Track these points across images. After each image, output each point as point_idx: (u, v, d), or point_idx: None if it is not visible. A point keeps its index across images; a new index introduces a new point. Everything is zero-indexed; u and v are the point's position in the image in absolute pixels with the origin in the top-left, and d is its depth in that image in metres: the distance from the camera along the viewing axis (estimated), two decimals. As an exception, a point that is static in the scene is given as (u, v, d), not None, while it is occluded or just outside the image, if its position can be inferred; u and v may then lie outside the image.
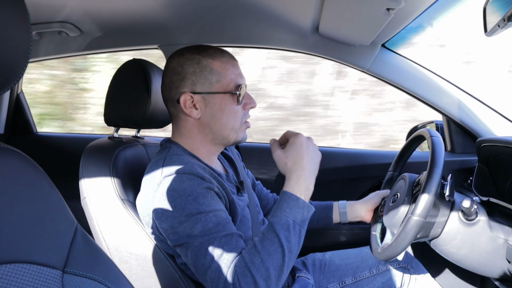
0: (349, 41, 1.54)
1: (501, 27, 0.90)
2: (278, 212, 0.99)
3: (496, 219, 1.12)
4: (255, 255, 0.94)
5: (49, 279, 0.59)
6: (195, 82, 1.09)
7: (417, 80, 1.59)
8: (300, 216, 1.00)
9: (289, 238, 0.96)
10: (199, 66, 1.09)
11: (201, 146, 1.14)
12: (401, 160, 1.41)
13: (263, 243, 0.95)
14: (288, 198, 1.01)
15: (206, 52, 1.11)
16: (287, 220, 0.98)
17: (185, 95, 1.09)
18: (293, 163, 1.05)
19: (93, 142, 1.25)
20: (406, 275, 1.33)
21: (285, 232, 0.96)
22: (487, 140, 1.35)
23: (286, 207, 1.00)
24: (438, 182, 1.04)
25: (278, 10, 1.38)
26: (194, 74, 1.09)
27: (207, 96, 1.09)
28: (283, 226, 0.97)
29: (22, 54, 0.58)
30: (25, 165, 0.64)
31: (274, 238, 0.95)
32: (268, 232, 0.97)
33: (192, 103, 1.09)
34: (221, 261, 0.94)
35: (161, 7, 1.37)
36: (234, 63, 1.14)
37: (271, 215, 1.01)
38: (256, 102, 1.17)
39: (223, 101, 1.10)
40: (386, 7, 1.04)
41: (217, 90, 1.09)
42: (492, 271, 1.10)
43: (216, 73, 1.09)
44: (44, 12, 1.41)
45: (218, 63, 1.10)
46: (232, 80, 1.10)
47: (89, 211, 1.15)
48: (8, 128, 2.09)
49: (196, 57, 1.10)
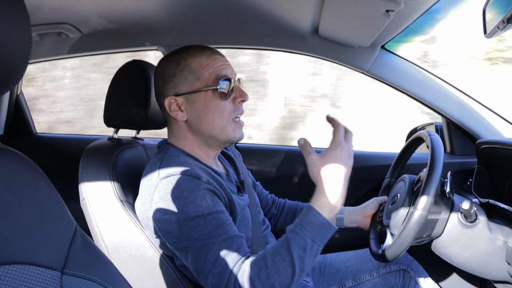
0: (348, 43, 1.55)
1: (501, 28, 0.91)
2: (298, 229, 0.94)
3: (495, 221, 1.12)
4: (262, 270, 0.90)
5: (48, 280, 0.59)
6: (176, 84, 1.08)
7: (416, 81, 1.59)
8: (320, 236, 0.94)
9: (304, 259, 0.91)
10: (179, 67, 1.08)
11: (196, 148, 1.12)
12: (398, 166, 1.40)
13: (274, 258, 0.91)
14: (312, 216, 0.94)
15: (185, 52, 1.10)
16: (306, 239, 0.92)
17: (168, 99, 1.08)
18: (328, 174, 0.97)
19: (92, 143, 1.25)
20: (407, 278, 1.33)
21: (301, 252, 0.91)
22: (487, 142, 1.35)
23: (308, 224, 0.93)
24: (440, 175, 1.03)
25: (277, 12, 1.38)
26: (175, 76, 1.08)
27: (189, 96, 1.08)
28: (299, 244, 0.92)
29: (22, 55, 0.58)
30: (25, 166, 0.63)
31: (287, 256, 0.91)
32: (281, 247, 0.92)
33: (177, 106, 1.09)
34: (223, 266, 0.91)
35: (161, 9, 1.37)
36: (215, 57, 1.10)
37: (290, 229, 0.95)
38: (247, 95, 1.11)
39: (205, 98, 1.07)
40: (385, 9, 1.04)
41: (198, 87, 1.07)
42: (491, 273, 1.10)
43: (195, 71, 1.07)
44: (44, 13, 1.41)
45: (197, 60, 1.08)
46: (211, 74, 1.07)
47: (89, 212, 1.15)
48: (7, 129, 2.09)
49: (176, 59, 1.10)
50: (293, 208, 1.44)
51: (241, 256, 0.94)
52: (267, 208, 1.45)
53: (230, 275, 0.91)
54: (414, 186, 1.16)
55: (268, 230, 1.26)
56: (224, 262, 0.92)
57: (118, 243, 1.13)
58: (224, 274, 0.91)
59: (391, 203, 1.22)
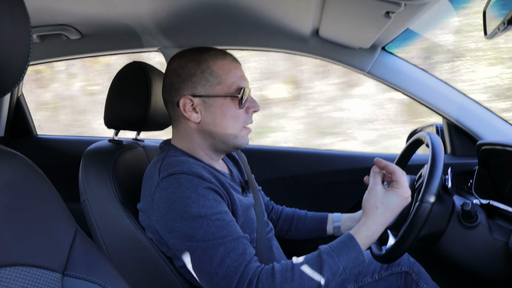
0: (349, 44, 1.55)
1: (501, 30, 0.91)
2: (335, 254, 0.93)
3: (496, 222, 1.12)
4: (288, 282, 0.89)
5: (49, 282, 0.59)
6: (195, 85, 1.06)
7: (417, 82, 1.60)
8: (352, 266, 0.94)
9: (330, 284, 0.91)
10: (200, 68, 1.06)
11: (200, 150, 1.12)
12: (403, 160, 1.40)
13: (302, 274, 0.90)
14: (351, 246, 0.95)
15: (207, 53, 1.09)
16: (339, 266, 0.92)
17: (184, 98, 1.06)
18: (383, 211, 0.99)
19: (93, 145, 1.25)
20: (409, 280, 1.32)
21: (330, 276, 0.91)
22: (487, 143, 1.35)
23: (346, 253, 0.94)
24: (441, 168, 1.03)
25: (278, 14, 1.38)
26: (195, 76, 1.06)
27: (208, 99, 1.06)
28: (331, 269, 0.91)
29: (22, 56, 0.58)
30: (25, 168, 0.63)
31: (317, 276, 0.90)
32: (313, 266, 0.92)
33: (192, 107, 1.07)
34: (229, 269, 0.90)
35: (162, 10, 1.37)
36: (236, 65, 1.11)
37: (326, 251, 0.94)
38: (259, 106, 1.14)
39: (224, 105, 1.07)
40: (386, 11, 1.04)
41: (218, 93, 1.06)
42: (493, 274, 1.10)
43: (217, 75, 1.06)
44: (45, 15, 1.41)
45: (219, 65, 1.07)
46: (233, 83, 1.07)
47: (89, 214, 1.15)
48: (8, 131, 2.09)
49: (197, 58, 1.08)
50: (290, 216, 1.43)
51: (248, 258, 0.93)
52: (267, 213, 1.44)
53: (240, 278, 0.89)
54: (415, 183, 1.16)
55: (271, 233, 1.26)
56: (232, 264, 0.90)
57: (118, 245, 1.13)
58: (233, 276, 0.90)
59: None
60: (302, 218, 1.41)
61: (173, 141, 1.14)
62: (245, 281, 0.89)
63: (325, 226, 1.37)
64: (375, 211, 0.99)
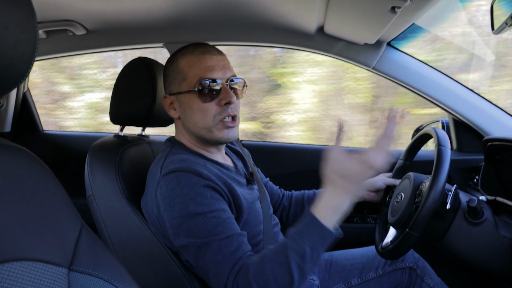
0: (354, 40, 1.54)
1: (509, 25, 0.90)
2: (297, 237, 0.89)
3: (502, 219, 1.11)
4: (260, 274, 0.88)
5: (55, 277, 0.59)
6: (168, 83, 1.13)
7: (423, 78, 1.59)
8: (320, 243, 0.89)
9: (303, 266, 0.88)
10: (171, 67, 1.12)
11: (193, 145, 1.14)
12: (412, 151, 1.40)
13: (272, 265, 0.88)
14: (312, 223, 0.89)
15: (180, 52, 1.12)
16: (304, 248, 0.87)
17: (164, 97, 1.14)
18: (341, 180, 0.89)
19: (98, 141, 1.26)
20: (413, 276, 1.32)
21: (299, 260, 0.87)
22: (494, 139, 1.34)
23: (306, 232, 0.89)
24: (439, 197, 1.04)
25: (283, 10, 1.37)
26: (168, 76, 1.13)
27: (179, 96, 1.10)
28: (297, 252, 0.87)
29: (28, 52, 0.58)
30: (31, 163, 0.64)
31: (284, 264, 0.87)
32: (279, 254, 0.89)
33: (172, 104, 1.13)
34: (220, 266, 0.91)
35: (167, 6, 1.37)
36: (203, 57, 1.08)
37: (289, 235, 0.91)
38: (234, 97, 1.07)
39: (190, 100, 1.08)
40: (391, 6, 1.03)
41: (184, 89, 1.09)
42: (498, 271, 1.10)
43: (182, 71, 1.09)
44: (51, 11, 1.42)
45: (185, 61, 1.09)
46: (195, 76, 1.07)
47: (95, 209, 1.16)
48: (14, 127, 2.11)
49: (171, 58, 1.13)
50: (300, 198, 1.44)
51: (241, 255, 0.93)
52: (278, 202, 1.45)
53: (229, 274, 0.90)
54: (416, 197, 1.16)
55: (278, 228, 1.26)
56: (223, 261, 0.92)
57: (124, 240, 1.13)
58: (223, 272, 0.91)
59: (396, 200, 1.22)
60: (311, 197, 1.43)
61: (176, 136, 1.18)
62: (233, 277, 0.90)
63: None
64: (332, 181, 0.90)
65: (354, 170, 0.88)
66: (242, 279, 0.89)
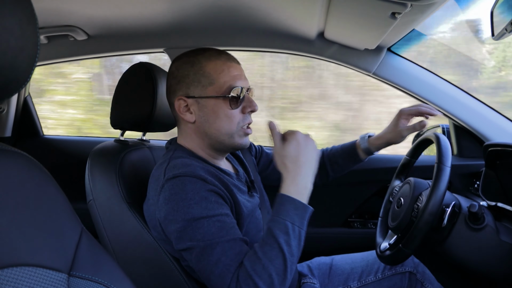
0: (354, 45, 1.54)
1: (509, 31, 0.90)
2: (276, 216, 0.97)
3: (503, 224, 1.11)
4: (256, 262, 0.91)
5: (55, 283, 0.59)
6: (188, 86, 1.09)
7: (423, 84, 1.59)
8: (298, 217, 0.97)
9: (289, 242, 0.94)
10: (193, 69, 1.09)
11: (201, 150, 1.13)
12: (417, 150, 1.39)
13: (263, 249, 0.93)
14: (285, 201, 0.98)
15: (202, 55, 1.10)
16: (285, 223, 0.95)
17: (179, 99, 1.10)
18: (291, 161, 1.01)
19: (99, 145, 1.26)
20: (413, 280, 1.32)
21: (285, 236, 0.94)
22: (495, 144, 1.35)
23: (283, 210, 0.97)
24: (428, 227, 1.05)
25: (283, 15, 1.38)
26: (188, 77, 1.09)
27: (201, 100, 1.08)
28: (281, 230, 0.94)
29: (29, 57, 0.58)
30: (32, 168, 0.64)
31: (274, 243, 0.93)
32: (267, 237, 0.95)
33: (187, 107, 1.09)
34: (224, 267, 0.92)
35: (168, 11, 1.37)
36: (231, 64, 1.11)
37: (269, 220, 0.98)
38: (257, 105, 1.12)
39: (216, 105, 1.08)
40: (391, 12, 1.03)
41: (210, 93, 1.08)
42: (499, 276, 1.09)
43: (209, 75, 1.08)
44: (52, 16, 1.42)
45: (212, 65, 1.08)
46: (226, 82, 1.08)
47: (95, 214, 1.16)
48: (15, 131, 2.11)
49: (191, 60, 1.10)
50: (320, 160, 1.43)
51: (243, 257, 0.94)
52: None
53: (233, 276, 0.91)
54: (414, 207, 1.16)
55: None
56: (226, 263, 0.92)
57: (124, 244, 1.13)
58: (226, 274, 0.92)
59: (397, 205, 1.22)
60: (332, 159, 1.46)
61: (178, 140, 1.16)
62: (237, 279, 0.91)
63: (356, 154, 1.41)
64: (283, 164, 1.02)
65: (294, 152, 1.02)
66: (242, 276, 0.91)
